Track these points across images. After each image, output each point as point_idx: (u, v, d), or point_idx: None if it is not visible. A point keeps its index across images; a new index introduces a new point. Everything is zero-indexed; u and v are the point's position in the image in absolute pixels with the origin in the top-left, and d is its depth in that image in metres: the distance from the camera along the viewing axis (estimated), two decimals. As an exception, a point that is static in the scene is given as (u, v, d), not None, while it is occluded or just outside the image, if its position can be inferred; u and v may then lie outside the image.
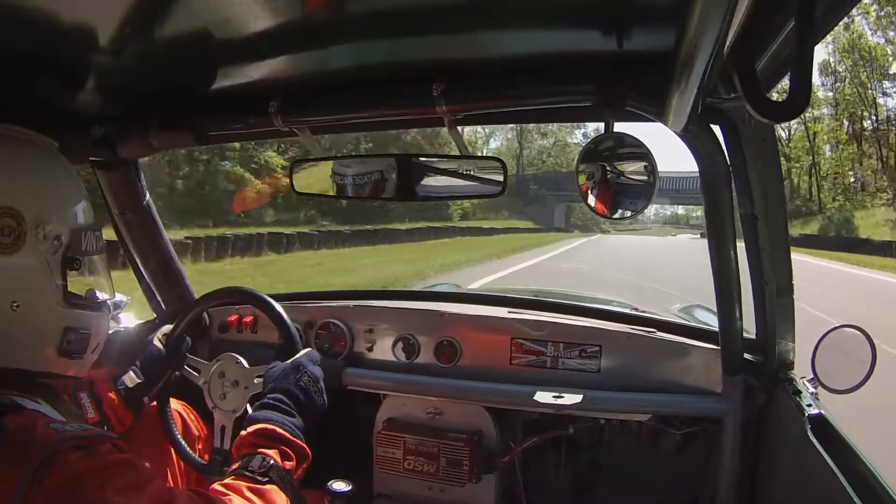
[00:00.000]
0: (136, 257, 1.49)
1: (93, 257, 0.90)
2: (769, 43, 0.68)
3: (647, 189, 0.96)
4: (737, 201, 1.05)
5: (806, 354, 1.31)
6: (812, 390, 1.26)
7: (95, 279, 0.93)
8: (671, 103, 0.78)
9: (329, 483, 1.18)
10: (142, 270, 1.52)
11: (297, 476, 0.94)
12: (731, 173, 1.00)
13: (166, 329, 1.33)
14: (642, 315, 1.59)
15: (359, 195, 1.16)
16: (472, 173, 1.08)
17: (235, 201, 16.77)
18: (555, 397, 1.32)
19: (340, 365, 1.51)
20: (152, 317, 1.61)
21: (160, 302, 1.58)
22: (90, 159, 1.27)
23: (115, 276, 0.99)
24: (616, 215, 0.99)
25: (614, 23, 0.82)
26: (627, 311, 1.71)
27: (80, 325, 0.86)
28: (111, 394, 1.21)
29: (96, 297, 0.92)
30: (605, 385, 1.38)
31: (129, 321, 1.56)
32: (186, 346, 1.31)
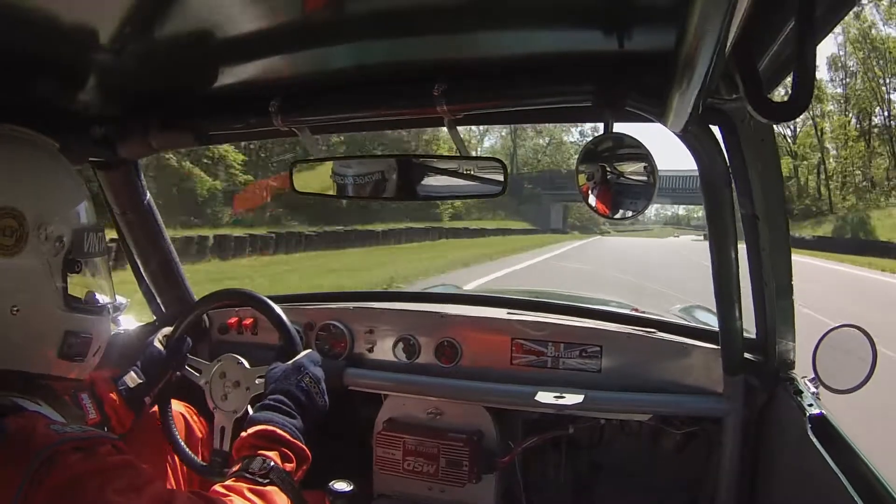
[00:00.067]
0: (137, 258, 1.49)
1: (94, 259, 0.90)
2: (770, 43, 0.68)
3: (647, 189, 0.96)
4: (737, 201, 1.05)
5: (808, 354, 1.31)
6: (813, 390, 1.26)
7: (97, 281, 0.92)
8: (671, 103, 0.78)
9: (330, 483, 1.18)
10: (142, 271, 1.51)
11: (298, 478, 0.94)
12: (731, 173, 1.00)
13: (166, 331, 1.33)
14: (642, 315, 1.59)
15: (359, 195, 1.16)
16: (472, 173, 1.08)
17: (235, 200, 16.62)
18: (556, 397, 1.32)
19: (341, 365, 1.51)
20: (151, 319, 1.61)
21: (160, 304, 1.57)
22: (90, 159, 1.27)
23: (115, 277, 0.99)
24: (617, 216, 0.99)
25: (614, 23, 0.82)
26: (627, 311, 1.72)
27: (81, 328, 0.85)
28: (112, 394, 1.21)
29: (97, 300, 0.91)
30: (605, 385, 1.38)
31: (129, 323, 1.56)
32: (187, 347, 1.32)
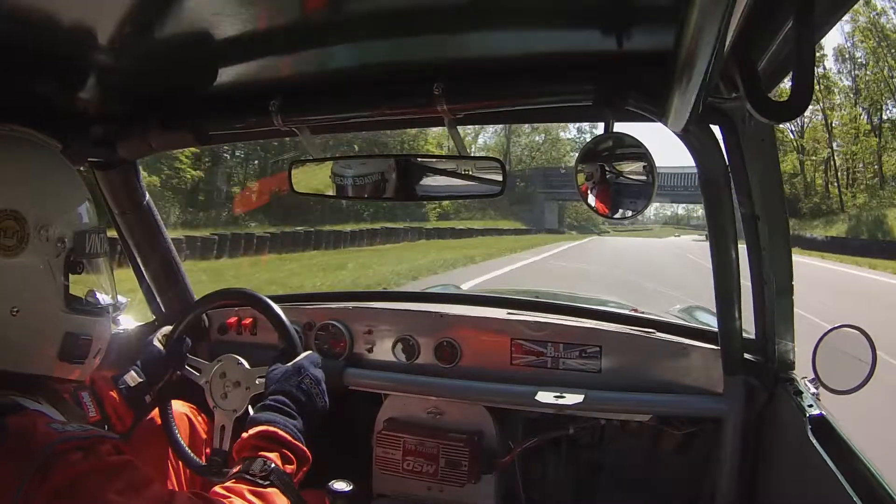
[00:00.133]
0: (137, 258, 1.49)
1: (96, 260, 0.90)
2: (769, 42, 0.68)
3: (646, 189, 0.96)
4: (737, 201, 1.05)
5: (808, 355, 1.31)
6: (813, 391, 1.26)
7: (98, 282, 0.92)
8: (671, 103, 0.78)
9: (330, 483, 1.18)
10: (142, 271, 1.52)
11: (298, 479, 0.94)
12: (731, 173, 1.00)
13: (166, 330, 1.33)
14: (642, 316, 1.59)
15: (358, 195, 1.16)
16: (471, 173, 1.08)
17: (235, 201, 16.64)
18: (556, 397, 1.32)
19: (341, 366, 1.50)
20: (151, 319, 1.61)
21: (160, 304, 1.57)
22: (90, 159, 1.27)
23: (115, 276, 0.99)
24: (616, 215, 0.99)
25: (614, 22, 0.82)
26: (627, 311, 1.72)
27: (82, 330, 0.85)
28: (112, 393, 1.21)
29: (98, 301, 0.91)
30: (605, 385, 1.37)
31: (129, 323, 1.56)
32: (186, 346, 1.32)
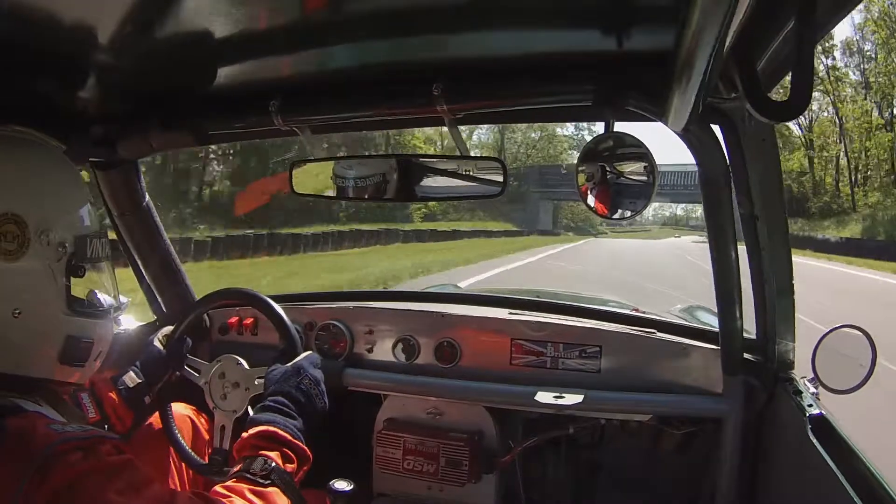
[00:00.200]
0: (137, 258, 1.49)
1: (98, 264, 0.89)
2: (769, 42, 0.68)
3: (646, 189, 0.96)
4: (737, 201, 1.05)
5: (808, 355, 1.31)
6: (813, 390, 1.26)
7: (100, 285, 0.92)
8: (671, 103, 0.78)
9: (330, 482, 1.18)
10: (142, 271, 1.52)
11: (298, 478, 0.94)
12: (731, 173, 1.00)
13: (167, 330, 1.33)
14: (642, 316, 1.59)
15: (359, 196, 1.16)
16: (472, 174, 1.08)
17: (237, 201, 16.62)
18: (556, 397, 1.32)
19: (341, 366, 1.50)
20: (152, 319, 1.61)
21: (161, 304, 1.57)
22: (90, 159, 1.27)
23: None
24: (616, 216, 0.99)
25: (614, 22, 0.82)
26: (627, 311, 1.72)
27: (83, 333, 0.85)
28: (112, 394, 1.21)
29: (100, 303, 0.91)
30: (605, 385, 1.37)
31: (129, 323, 1.56)
32: (187, 347, 1.32)
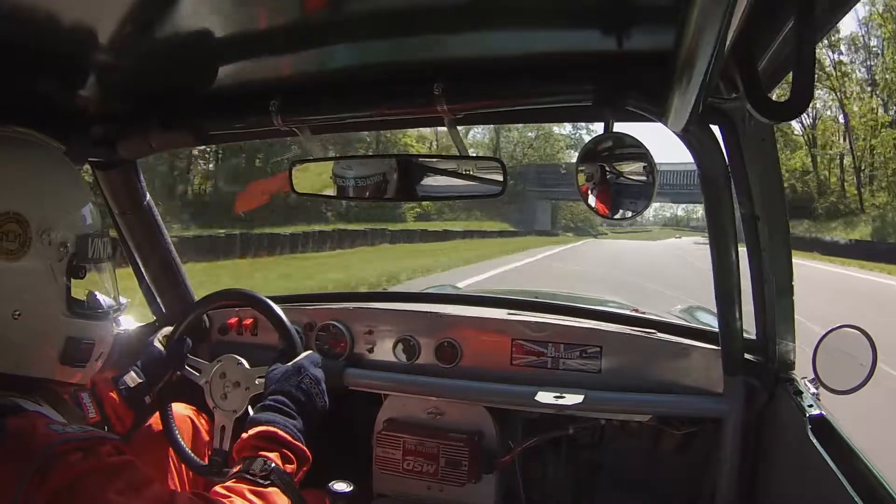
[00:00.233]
0: (137, 258, 1.49)
1: (99, 264, 0.89)
2: (770, 42, 0.68)
3: (646, 189, 0.96)
4: (737, 201, 1.05)
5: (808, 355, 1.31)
6: (813, 391, 1.26)
7: (101, 286, 0.92)
8: (671, 103, 0.78)
9: (330, 483, 1.18)
10: (142, 271, 1.52)
11: (298, 479, 0.94)
12: (731, 173, 1.00)
13: (166, 331, 1.33)
14: (642, 316, 1.59)
15: (359, 196, 1.16)
16: (472, 173, 1.08)
17: (237, 200, 16.58)
18: (556, 398, 1.32)
19: (341, 366, 1.50)
20: (151, 320, 1.61)
21: (160, 304, 1.57)
22: (90, 159, 1.27)
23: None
24: (616, 216, 0.99)
25: (614, 22, 0.82)
26: (628, 312, 1.72)
27: (84, 334, 0.85)
28: (112, 394, 1.21)
29: (101, 304, 0.90)
30: (605, 385, 1.37)
31: (129, 324, 1.56)
32: (187, 347, 1.32)
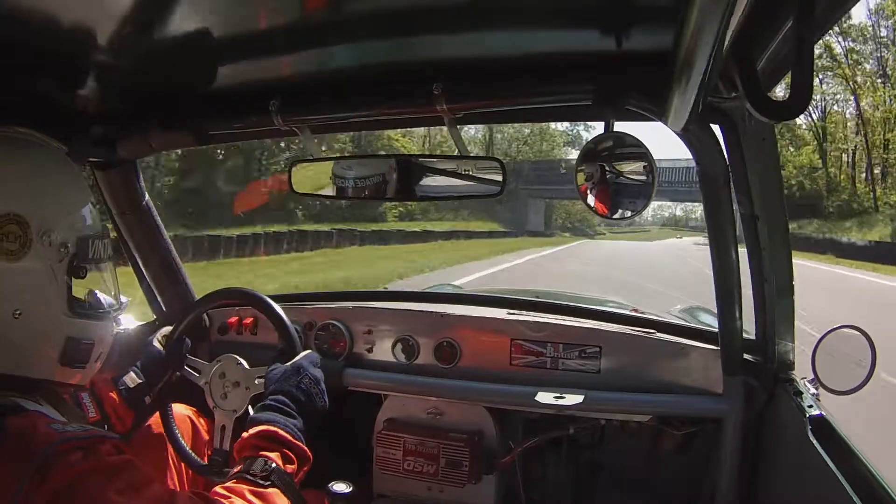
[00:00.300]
0: (137, 258, 1.49)
1: (100, 265, 0.89)
2: (769, 42, 0.69)
3: (646, 189, 0.96)
4: (737, 201, 1.05)
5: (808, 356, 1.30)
6: (813, 391, 1.26)
7: (101, 286, 0.92)
8: (671, 102, 0.78)
9: (330, 484, 1.18)
10: (142, 271, 1.52)
11: (299, 479, 0.94)
12: (731, 173, 1.00)
13: (166, 331, 1.33)
14: (642, 316, 1.59)
15: (359, 196, 1.16)
16: (471, 173, 1.08)
17: (236, 201, 16.52)
18: (556, 398, 1.32)
19: (340, 366, 1.50)
20: (151, 319, 1.61)
21: (160, 303, 1.57)
22: (90, 159, 1.27)
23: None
24: (616, 215, 0.99)
25: (614, 22, 0.82)
26: (627, 311, 1.72)
27: (84, 335, 0.85)
28: (112, 394, 1.21)
29: (101, 304, 0.91)
30: (605, 386, 1.37)
31: (129, 323, 1.56)
32: (186, 347, 1.31)
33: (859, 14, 25.36)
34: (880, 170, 24.56)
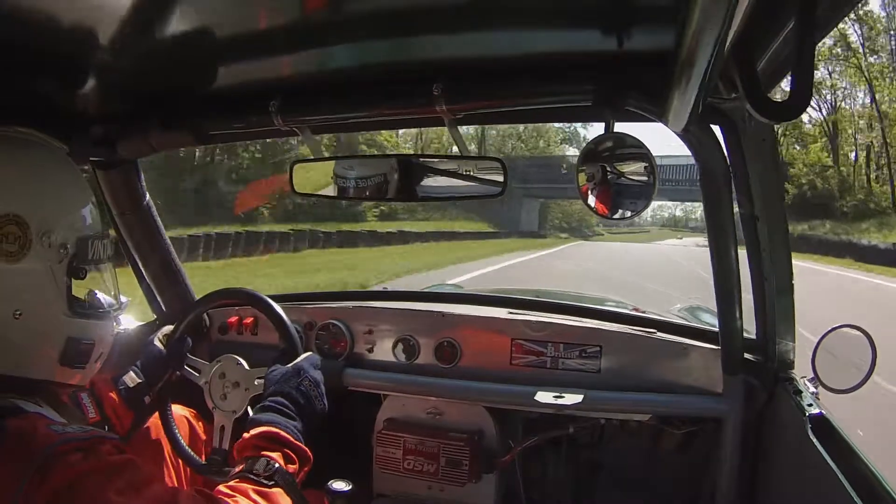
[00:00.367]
0: (137, 258, 1.49)
1: (99, 265, 0.89)
2: (770, 43, 0.69)
3: (647, 189, 0.96)
4: (737, 201, 1.05)
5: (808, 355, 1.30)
6: (813, 390, 1.26)
7: (101, 287, 0.92)
8: (671, 103, 0.78)
9: (329, 483, 1.18)
10: (142, 271, 1.52)
11: (299, 479, 0.94)
12: (731, 173, 1.01)
13: (167, 330, 1.33)
14: (642, 315, 1.59)
15: (359, 196, 1.16)
16: (472, 174, 1.08)
17: (237, 200, 16.44)
18: (556, 397, 1.32)
19: (341, 366, 1.50)
20: (152, 319, 1.61)
21: (160, 303, 1.57)
22: (90, 159, 1.27)
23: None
24: (616, 216, 0.99)
25: (614, 22, 0.82)
26: (628, 311, 1.72)
27: (84, 335, 0.85)
28: (112, 394, 1.21)
29: (101, 305, 0.91)
30: (605, 385, 1.37)
31: (129, 323, 1.56)
32: (187, 346, 1.32)
33: (875, 4, 23.57)
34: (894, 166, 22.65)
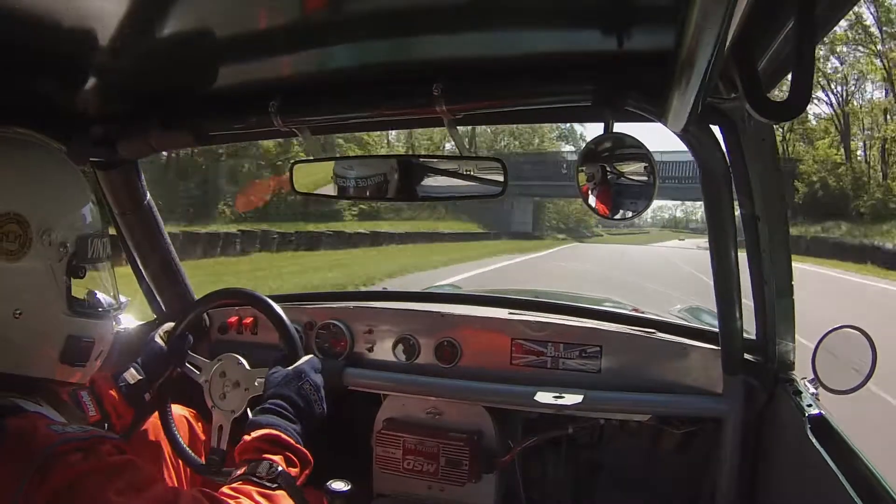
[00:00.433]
0: (137, 258, 1.49)
1: (99, 264, 0.89)
2: (770, 42, 0.69)
3: (647, 189, 0.96)
4: (737, 202, 1.05)
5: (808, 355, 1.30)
6: (812, 391, 1.26)
7: (101, 285, 0.92)
8: (671, 103, 0.78)
9: (328, 483, 1.18)
10: (142, 271, 1.52)
11: (300, 482, 0.94)
12: (731, 173, 1.01)
13: (168, 327, 1.33)
14: (642, 316, 1.59)
15: (360, 196, 1.17)
16: (472, 173, 1.08)
17: (238, 200, 16.39)
18: (555, 397, 1.32)
19: (341, 365, 1.51)
20: (151, 318, 1.61)
21: (160, 303, 1.58)
22: (90, 159, 1.27)
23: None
24: (616, 216, 0.99)
25: (614, 22, 0.82)
26: (628, 311, 1.72)
27: (84, 333, 0.85)
28: (112, 391, 1.21)
29: (101, 303, 0.91)
30: (605, 385, 1.37)
31: (130, 322, 1.56)
32: (188, 343, 1.32)
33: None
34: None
